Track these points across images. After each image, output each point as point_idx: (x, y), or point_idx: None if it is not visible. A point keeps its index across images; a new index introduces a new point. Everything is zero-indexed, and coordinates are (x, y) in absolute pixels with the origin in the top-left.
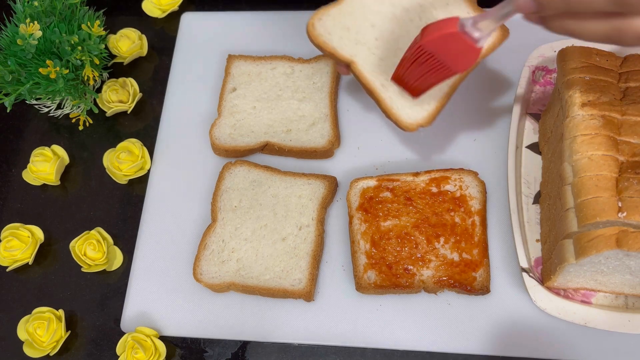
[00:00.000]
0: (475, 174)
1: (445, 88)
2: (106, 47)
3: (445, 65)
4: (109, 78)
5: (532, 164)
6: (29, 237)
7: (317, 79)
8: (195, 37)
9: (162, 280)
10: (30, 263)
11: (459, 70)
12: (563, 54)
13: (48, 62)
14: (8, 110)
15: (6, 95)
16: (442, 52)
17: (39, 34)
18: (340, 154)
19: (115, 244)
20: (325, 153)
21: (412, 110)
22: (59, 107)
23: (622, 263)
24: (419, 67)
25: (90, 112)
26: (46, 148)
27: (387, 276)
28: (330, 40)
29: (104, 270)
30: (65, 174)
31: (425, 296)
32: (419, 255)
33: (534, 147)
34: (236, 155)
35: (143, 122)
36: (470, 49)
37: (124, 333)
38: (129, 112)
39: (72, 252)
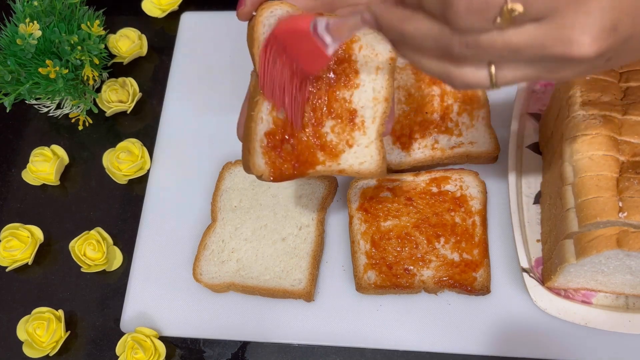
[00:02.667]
0: (475, 174)
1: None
2: (106, 47)
3: (297, 63)
4: (108, 78)
5: (533, 164)
6: (28, 237)
7: None
8: (195, 36)
9: (162, 281)
10: (29, 263)
11: (310, 71)
12: None
13: (48, 62)
14: (8, 110)
15: (6, 95)
16: (293, 48)
17: (39, 33)
18: None
19: (115, 244)
20: None
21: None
22: (58, 107)
23: (623, 263)
24: (273, 58)
25: (89, 112)
26: (46, 148)
27: (387, 276)
28: None
29: (104, 270)
30: (65, 174)
31: (425, 296)
32: (419, 256)
33: (534, 147)
34: None
35: (143, 122)
36: (320, 52)
37: (123, 333)
38: (128, 112)
39: (71, 252)
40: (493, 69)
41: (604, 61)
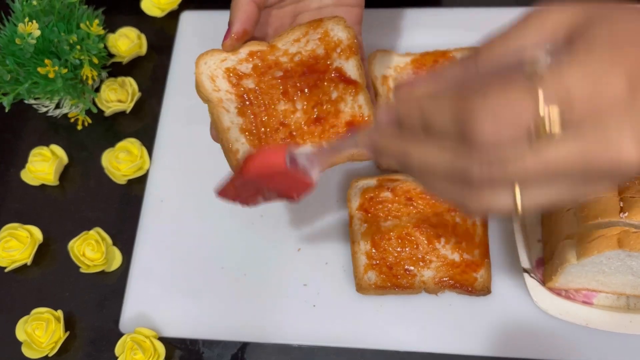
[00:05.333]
0: None
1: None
2: (105, 47)
3: (277, 194)
4: (107, 77)
5: None
6: (27, 237)
7: None
8: (194, 36)
9: (161, 281)
10: (28, 263)
11: (294, 198)
12: None
13: (47, 61)
14: (6, 110)
15: (4, 94)
16: (269, 184)
17: (38, 33)
18: None
19: (114, 244)
20: None
21: None
22: (57, 106)
23: (624, 263)
24: (246, 191)
25: (89, 112)
26: (45, 148)
27: (387, 277)
28: None
29: (103, 270)
30: (64, 174)
31: (426, 297)
32: (419, 256)
33: None
34: None
35: (142, 122)
36: (303, 182)
37: (122, 334)
38: (127, 112)
39: (70, 253)
40: (518, 192)
41: None
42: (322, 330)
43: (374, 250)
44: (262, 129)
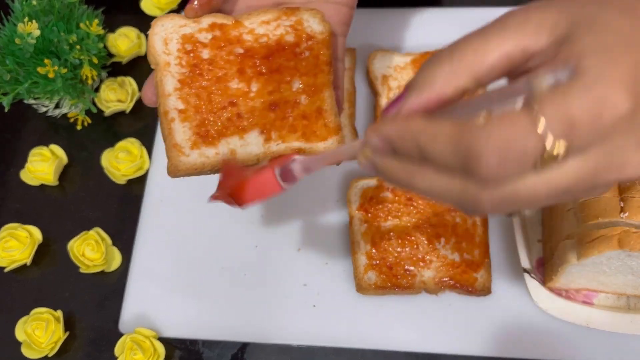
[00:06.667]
0: None
1: None
2: (105, 46)
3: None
4: (107, 77)
5: None
6: (27, 237)
7: None
8: None
9: (161, 281)
10: (28, 264)
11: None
12: None
13: (46, 61)
14: (6, 110)
15: (4, 94)
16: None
17: (37, 32)
18: None
19: (113, 244)
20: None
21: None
22: (57, 106)
23: (624, 264)
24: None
25: (88, 112)
26: (44, 148)
27: (387, 277)
28: None
29: (103, 271)
30: (64, 174)
31: (426, 297)
32: (419, 256)
33: None
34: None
35: (142, 122)
36: (271, 189)
37: (122, 334)
38: (127, 112)
39: (70, 253)
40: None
41: None
42: (322, 330)
43: (374, 251)
44: (207, 104)
